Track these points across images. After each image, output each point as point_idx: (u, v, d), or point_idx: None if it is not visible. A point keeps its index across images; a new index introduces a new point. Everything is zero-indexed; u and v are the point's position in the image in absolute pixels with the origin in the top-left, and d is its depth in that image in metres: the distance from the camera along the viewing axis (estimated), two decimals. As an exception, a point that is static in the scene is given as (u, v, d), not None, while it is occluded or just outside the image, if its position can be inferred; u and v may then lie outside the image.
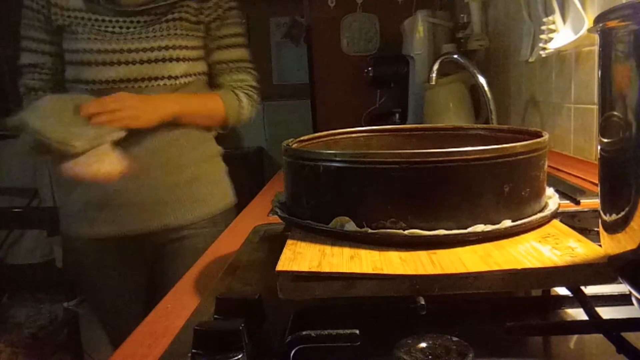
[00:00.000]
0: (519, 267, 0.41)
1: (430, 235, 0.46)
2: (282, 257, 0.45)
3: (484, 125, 0.69)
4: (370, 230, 0.48)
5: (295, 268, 0.43)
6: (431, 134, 0.71)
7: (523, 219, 0.49)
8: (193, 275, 0.66)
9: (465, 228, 0.47)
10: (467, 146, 0.47)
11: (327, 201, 0.52)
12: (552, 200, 0.55)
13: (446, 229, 0.47)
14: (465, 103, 1.84)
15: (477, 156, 0.47)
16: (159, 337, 0.49)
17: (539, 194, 0.52)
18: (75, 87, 1.09)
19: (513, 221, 0.48)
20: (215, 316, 0.45)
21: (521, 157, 0.49)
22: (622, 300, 0.48)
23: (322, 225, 0.50)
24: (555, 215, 0.53)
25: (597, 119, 0.39)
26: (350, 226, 0.49)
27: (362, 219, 0.48)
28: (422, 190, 0.47)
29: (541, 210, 0.52)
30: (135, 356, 0.46)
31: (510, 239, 0.48)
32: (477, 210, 0.48)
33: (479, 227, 0.47)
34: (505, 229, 0.48)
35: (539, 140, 0.51)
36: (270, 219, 0.89)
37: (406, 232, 0.47)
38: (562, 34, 1.23)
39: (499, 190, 0.48)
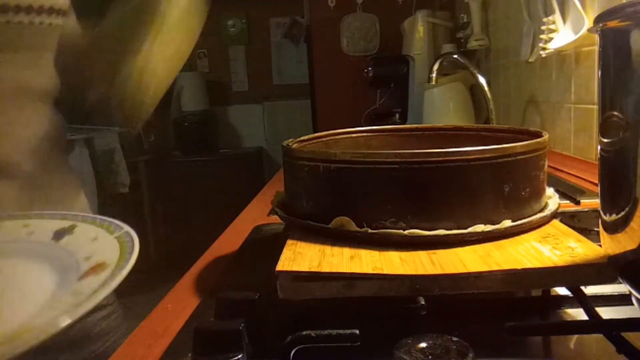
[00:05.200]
0: (519, 267, 0.41)
1: (430, 235, 0.46)
2: (282, 257, 0.45)
3: (484, 125, 0.69)
4: (370, 230, 0.48)
5: (295, 268, 0.43)
6: (431, 134, 0.71)
7: (523, 219, 0.49)
8: (193, 275, 0.66)
9: (465, 228, 0.47)
10: (467, 146, 0.47)
11: (327, 201, 0.52)
12: (552, 200, 0.55)
13: (446, 229, 0.47)
14: (465, 103, 1.84)
15: (477, 156, 0.47)
16: (159, 337, 0.49)
17: (539, 194, 0.52)
18: None
19: (513, 221, 0.48)
20: (215, 316, 0.45)
21: (521, 157, 0.49)
22: (622, 300, 0.48)
23: (322, 225, 0.50)
24: (555, 215, 0.53)
25: (597, 119, 0.39)
26: (350, 226, 0.49)
27: (362, 219, 0.48)
28: (422, 190, 0.47)
29: (541, 210, 0.52)
30: (135, 356, 0.46)
31: (510, 239, 0.48)
32: (477, 210, 0.48)
33: (479, 227, 0.47)
34: (505, 229, 0.48)
35: (539, 140, 0.51)
36: (270, 219, 0.89)
37: (406, 232, 0.47)
38: (562, 34, 1.23)
39: (499, 190, 0.48)
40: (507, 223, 0.48)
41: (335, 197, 0.51)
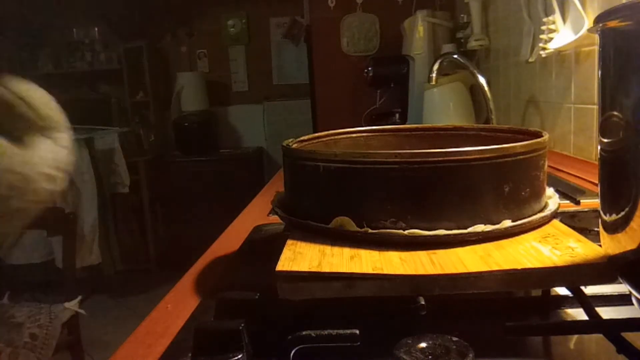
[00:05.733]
0: (519, 267, 0.41)
1: (430, 235, 0.46)
2: (282, 257, 0.45)
3: (484, 125, 0.69)
4: (370, 230, 0.48)
5: (295, 268, 0.43)
6: (431, 134, 0.71)
7: (523, 219, 0.49)
8: (193, 275, 0.66)
9: (465, 228, 0.47)
10: (467, 146, 0.47)
11: (327, 201, 0.51)
12: (552, 200, 0.55)
13: (446, 229, 0.47)
14: (465, 103, 1.84)
15: (477, 156, 0.47)
16: (159, 337, 0.49)
17: (539, 194, 0.52)
18: None
19: (513, 221, 0.48)
20: (215, 316, 0.45)
21: (521, 157, 0.49)
22: (622, 300, 0.48)
23: (322, 225, 0.50)
24: (555, 215, 0.53)
25: (597, 119, 0.39)
26: (350, 226, 0.49)
27: (362, 219, 0.48)
28: (422, 190, 0.47)
29: (541, 210, 0.52)
30: (135, 356, 0.46)
31: (510, 239, 0.48)
32: (477, 210, 0.48)
33: (479, 227, 0.47)
34: (505, 229, 0.48)
35: (539, 140, 0.51)
36: (270, 219, 0.89)
37: (406, 232, 0.47)
38: (562, 34, 1.23)
39: (499, 190, 0.48)
40: (507, 223, 0.48)
41: (335, 197, 0.51)
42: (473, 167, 0.47)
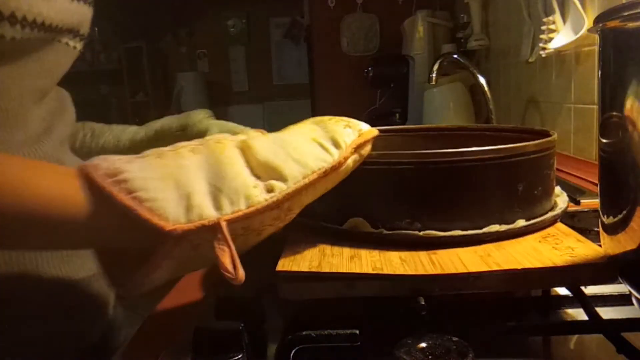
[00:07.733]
0: (519, 267, 0.41)
1: (446, 236, 0.46)
2: (282, 257, 0.45)
3: (488, 125, 0.69)
4: (385, 231, 0.47)
5: (295, 268, 0.43)
6: (435, 134, 0.71)
7: (535, 218, 0.49)
8: (193, 275, 0.66)
9: (481, 228, 0.47)
10: (474, 146, 0.47)
11: (334, 202, 0.51)
12: (560, 198, 0.55)
13: (462, 230, 0.46)
14: (465, 103, 1.84)
15: (493, 155, 0.47)
16: (159, 337, 0.49)
17: (549, 192, 0.52)
18: None
19: (526, 220, 0.48)
20: (215, 316, 0.45)
21: (534, 155, 0.49)
22: (622, 300, 0.48)
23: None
24: (565, 213, 0.53)
25: (597, 119, 0.39)
26: (365, 227, 0.48)
27: (377, 220, 0.48)
28: (437, 191, 0.47)
29: (552, 209, 0.52)
30: (135, 356, 0.46)
31: (511, 239, 0.48)
32: (492, 210, 0.47)
33: (494, 227, 0.47)
34: (520, 228, 0.48)
35: (549, 139, 0.51)
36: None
37: (422, 233, 0.46)
38: (562, 34, 1.23)
39: (513, 189, 0.48)
40: (522, 222, 0.48)
41: (345, 197, 0.50)
42: (489, 167, 0.47)
